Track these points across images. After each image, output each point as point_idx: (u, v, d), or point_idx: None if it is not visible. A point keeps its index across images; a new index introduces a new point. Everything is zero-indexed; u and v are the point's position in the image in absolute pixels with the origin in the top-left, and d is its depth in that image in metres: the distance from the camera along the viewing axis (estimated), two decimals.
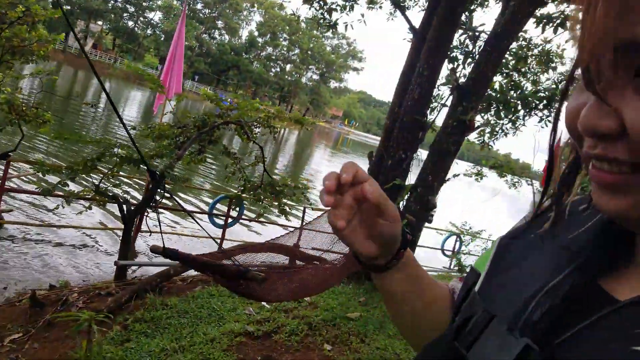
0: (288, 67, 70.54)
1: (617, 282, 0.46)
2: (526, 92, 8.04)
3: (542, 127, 8.57)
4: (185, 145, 5.03)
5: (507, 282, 0.53)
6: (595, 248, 0.49)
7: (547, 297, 0.47)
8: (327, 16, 8.40)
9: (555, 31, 7.78)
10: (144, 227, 6.65)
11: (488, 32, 6.69)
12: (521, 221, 0.62)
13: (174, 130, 5.47)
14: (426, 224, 5.31)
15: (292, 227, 8.11)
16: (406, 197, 4.87)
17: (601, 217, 0.52)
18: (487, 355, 0.47)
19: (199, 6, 63.36)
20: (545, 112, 9.00)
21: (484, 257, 0.60)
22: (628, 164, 0.39)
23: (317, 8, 8.43)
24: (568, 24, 0.41)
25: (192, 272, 5.59)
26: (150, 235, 6.71)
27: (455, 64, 6.64)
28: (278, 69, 70.59)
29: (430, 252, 10.26)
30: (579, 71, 0.41)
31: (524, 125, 9.27)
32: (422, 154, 5.16)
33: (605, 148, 0.40)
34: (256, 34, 69.30)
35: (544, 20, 7.81)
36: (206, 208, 9.24)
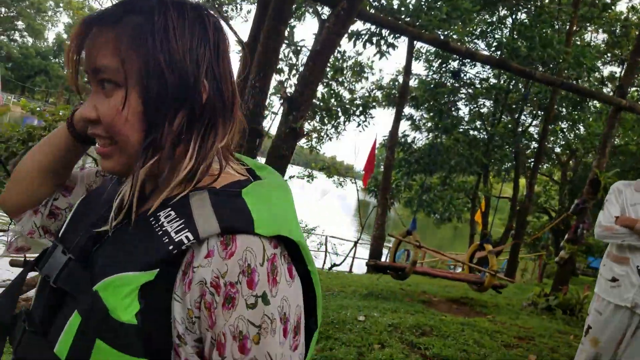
0: None
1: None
2: (344, 100, 9.03)
3: (360, 131, 9.73)
4: (15, 160, 4.68)
5: (77, 225, 0.76)
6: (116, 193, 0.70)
7: (92, 228, 0.69)
8: None
9: (364, 46, 8.94)
10: None
11: (307, 47, 7.42)
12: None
13: None
14: None
15: None
16: None
17: None
18: (47, 269, 0.70)
19: None
20: (362, 117, 10.19)
21: None
22: (107, 138, 0.67)
23: None
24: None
25: None
26: None
27: (282, 75, 7.24)
28: None
29: None
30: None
31: (344, 130, 10.39)
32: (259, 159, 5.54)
33: (94, 129, 0.68)
34: (65, 36, 62.74)
35: (354, 36, 8.92)
36: None
